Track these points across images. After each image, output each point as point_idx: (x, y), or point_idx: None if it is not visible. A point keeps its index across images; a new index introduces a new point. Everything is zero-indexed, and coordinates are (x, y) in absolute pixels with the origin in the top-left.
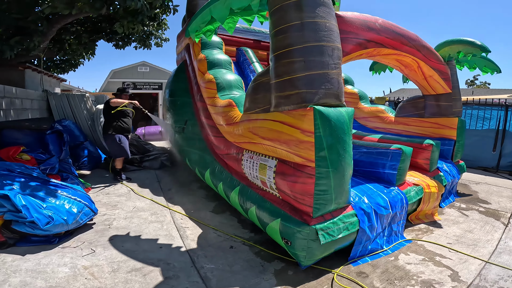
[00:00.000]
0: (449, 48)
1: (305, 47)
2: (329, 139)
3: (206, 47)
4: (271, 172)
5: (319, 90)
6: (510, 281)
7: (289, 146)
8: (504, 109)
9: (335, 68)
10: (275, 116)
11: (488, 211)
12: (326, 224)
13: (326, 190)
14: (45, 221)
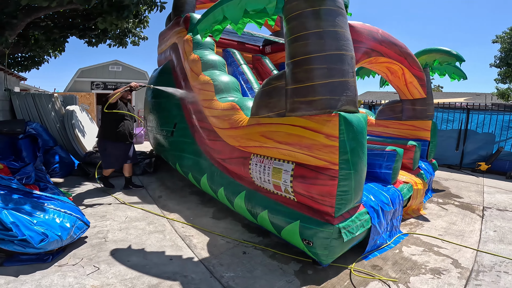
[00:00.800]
0: (427, 56)
1: (328, 54)
2: (352, 143)
3: (198, 47)
4: (288, 175)
5: (341, 97)
6: (503, 265)
7: (311, 150)
8: (465, 112)
9: (352, 76)
10: (293, 120)
11: (463, 205)
12: (347, 223)
13: (347, 190)
14: (39, 238)
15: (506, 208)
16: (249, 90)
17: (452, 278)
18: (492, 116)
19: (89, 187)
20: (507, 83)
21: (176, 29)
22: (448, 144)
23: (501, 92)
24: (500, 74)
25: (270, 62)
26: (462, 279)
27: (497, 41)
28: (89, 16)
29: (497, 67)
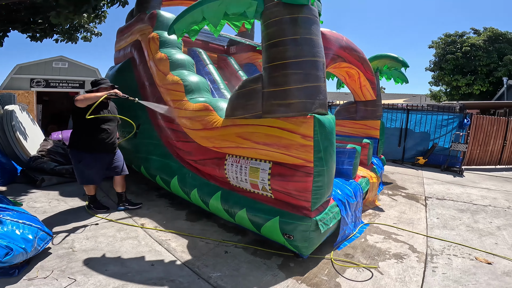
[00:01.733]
0: (379, 61)
1: (304, 60)
2: (324, 142)
3: (165, 46)
4: (265, 174)
5: (315, 100)
6: (451, 249)
7: (289, 150)
8: (406, 112)
9: (324, 81)
10: (271, 122)
11: (409, 195)
12: (322, 215)
13: (321, 186)
14: (3, 252)
15: (444, 197)
16: (216, 91)
17: (412, 261)
18: (427, 116)
19: (39, 195)
20: (439, 85)
21: (139, 26)
22: (392, 141)
23: (433, 93)
24: (434, 77)
25: (235, 62)
26: (421, 262)
27: (432, 46)
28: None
29: (431, 71)
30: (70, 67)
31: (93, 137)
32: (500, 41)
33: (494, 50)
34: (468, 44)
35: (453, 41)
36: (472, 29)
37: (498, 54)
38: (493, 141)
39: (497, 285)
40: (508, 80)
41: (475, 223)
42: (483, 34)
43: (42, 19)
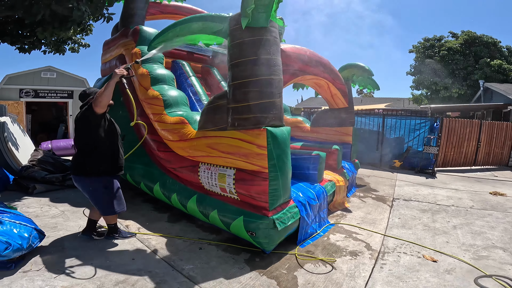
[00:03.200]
0: (348, 71)
1: (260, 79)
2: (277, 151)
3: (147, 61)
4: (231, 179)
5: (269, 114)
6: (403, 247)
7: (248, 158)
8: (381, 118)
9: (279, 97)
10: (233, 134)
11: (378, 197)
12: (279, 215)
13: (277, 188)
14: (3, 247)
15: (410, 198)
16: (197, 102)
17: (365, 258)
18: (401, 120)
19: (31, 201)
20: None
21: (123, 41)
22: (370, 145)
23: (415, 97)
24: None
25: (218, 73)
26: (372, 259)
27: (412, 51)
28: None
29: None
30: (59, 77)
31: (113, 156)
32: (477, 44)
33: (471, 53)
34: (446, 48)
35: (432, 45)
36: (450, 33)
37: (474, 57)
38: (467, 143)
39: (436, 282)
40: (485, 83)
41: (433, 223)
42: (460, 37)
43: (29, 32)
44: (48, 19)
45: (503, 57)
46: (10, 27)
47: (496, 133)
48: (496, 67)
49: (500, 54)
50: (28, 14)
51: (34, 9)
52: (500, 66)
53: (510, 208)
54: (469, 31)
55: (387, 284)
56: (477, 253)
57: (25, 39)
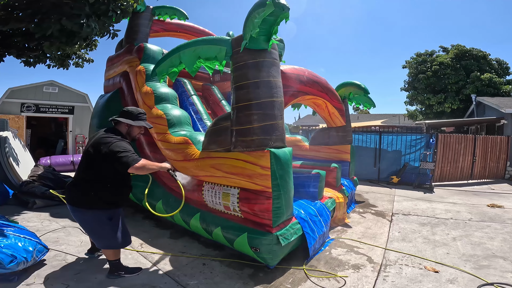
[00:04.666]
0: (345, 89)
1: (262, 102)
2: (280, 172)
3: (151, 79)
4: (235, 198)
5: (272, 136)
6: (405, 259)
7: (251, 178)
8: (378, 134)
9: (281, 118)
10: (237, 155)
11: (377, 212)
12: (283, 231)
13: (280, 207)
14: (8, 260)
15: (409, 213)
16: (198, 121)
17: (367, 271)
18: (398, 137)
19: (31, 215)
20: (414, 105)
21: (128, 58)
22: (368, 162)
23: (410, 113)
24: (408, 97)
25: (218, 91)
26: (375, 271)
27: (406, 66)
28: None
29: (406, 91)
30: (60, 92)
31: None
32: (467, 58)
33: (461, 67)
34: (437, 62)
35: (424, 61)
36: (441, 47)
37: (465, 71)
38: (462, 158)
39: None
40: (477, 97)
41: (433, 235)
42: (451, 51)
43: (36, 46)
44: (56, 34)
45: (493, 69)
46: (16, 40)
47: (490, 147)
48: (487, 81)
49: (489, 67)
50: (39, 28)
51: (45, 24)
52: (491, 79)
53: (508, 219)
54: (458, 45)
55: None
56: (478, 263)
57: (31, 52)
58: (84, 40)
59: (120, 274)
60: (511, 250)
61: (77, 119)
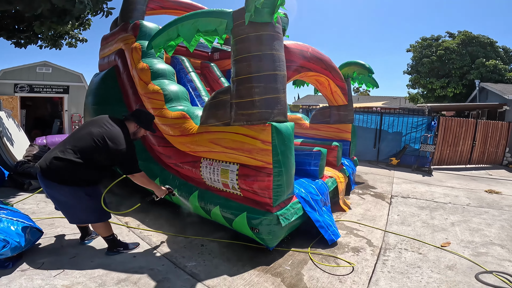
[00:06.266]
0: (348, 68)
1: (264, 75)
2: (281, 147)
3: (147, 56)
4: (234, 175)
5: (274, 110)
6: (404, 243)
7: (251, 153)
8: (379, 115)
9: (283, 92)
10: (237, 129)
11: (376, 194)
12: (283, 211)
13: (281, 184)
14: (1, 245)
15: (408, 196)
16: (197, 98)
17: (367, 254)
18: (399, 118)
19: (27, 198)
20: (416, 88)
21: (123, 35)
22: (368, 143)
23: (411, 96)
24: (411, 80)
25: (217, 69)
26: (374, 255)
27: (410, 50)
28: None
29: (409, 74)
30: (54, 72)
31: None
32: (473, 44)
33: (467, 53)
34: (443, 47)
35: (429, 45)
36: (447, 33)
37: (470, 57)
38: (462, 142)
39: (438, 278)
40: (480, 83)
41: (431, 220)
42: (457, 37)
43: (26, 27)
44: (46, 13)
45: (499, 57)
46: (6, 22)
47: (491, 132)
48: (492, 67)
49: (496, 54)
50: (28, 7)
51: (35, 3)
52: (496, 66)
53: (505, 206)
54: (466, 31)
55: (391, 279)
56: (476, 250)
57: (21, 33)
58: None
59: (119, 250)
60: (508, 238)
61: (73, 99)
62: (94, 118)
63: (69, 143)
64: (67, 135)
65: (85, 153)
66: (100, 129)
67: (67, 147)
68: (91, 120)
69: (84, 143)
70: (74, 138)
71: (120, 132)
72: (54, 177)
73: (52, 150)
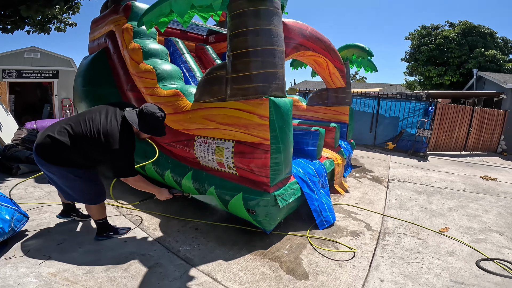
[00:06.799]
0: (347, 51)
1: (262, 49)
2: (279, 122)
3: (139, 36)
4: (229, 152)
5: (271, 84)
6: (403, 228)
7: (248, 129)
8: (377, 100)
9: (281, 68)
10: (232, 104)
11: (374, 178)
12: (281, 191)
13: (278, 162)
14: None
15: (405, 180)
16: (191, 79)
17: (366, 239)
18: (396, 103)
19: (15, 182)
20: (414, 75)
21: (114, 17)
22: (364, 127)
23: (408, 83)
24: (408, 68)
25: (213, 51)
26: (373, 239)
27: (409, 38)
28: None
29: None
30: (43, 57)
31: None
32: (473, 34)
33: (466, 42)
34: (442, 36)
35: (428, 33)
36: (447, 22)
37: (469, 47)
38: (458, 128)
39: (439, 264)
40: (478, 72)
41: (429, 204)
42: (457, 27)
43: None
44: None
45: (498, 48)
46: None
47: (487, 119)
48: (491, 57)
49: (495, 45)
50: None
51: None
52: (495, 56)
53: (501, 193)
54: (466, 21)
55: (392, 265)
56: (475, 236)
57: (7, 18)
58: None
59: (109, 235)
60: (506, 225)
61: (63, 83)
62: (112, 103)
63: (70, 123)
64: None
65: (78, 140)
66: (103, 120)
67: (65, 127)
68: (107, 105)
69: (80, 129)
70: (77, 119)
71: (117, 129)
72: (43, 155)
73: (53, 125)
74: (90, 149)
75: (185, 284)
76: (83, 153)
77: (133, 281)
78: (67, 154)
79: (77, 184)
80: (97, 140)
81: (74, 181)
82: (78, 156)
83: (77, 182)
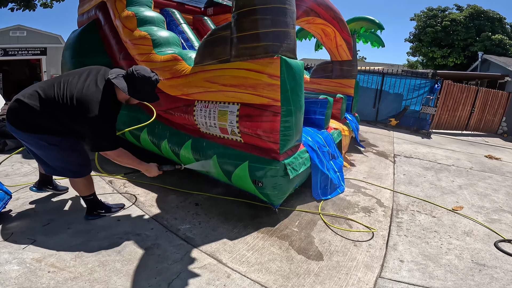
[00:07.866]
0: (356, 23)
1: (273, 7)
2: (291, 82)
3: (132, 4)
4: (234, 116)
5: (282, 43)
6: (415, 205)
7: (256, 89)
8: (381, 76)
9: (293, 28)
10: (238, 65)
11: (379, 152)
12: (291, 159)
13: (289, 126)
14: None
15: (411, 156)
16: (189, 48)
17: (379, 215)
18: (401, 80)
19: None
20: (416, 56)
21: None
22: (367, 103)
23: (410, 63)
24: (412, 48)
25: (212, 22)
26: (387, 216)
27: (414, 19)
28: None
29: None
30: (30, 35)
31: None
32: (481, 18)
33: (474, 26)
34: (449, 19)
35: (434, 15)
36: (455, 5)
37: (476, 31)
38: (462, 108)
39: (458, 244)
40: (483, 55)
41: (438, 181)
42: (466, 10)
43: None
44: None
45: (505, 33)
46: None
47: (490, 100)
48: (497, 41)
49: (502, 30)
50: None
51: None
52: (501, 41)
53: (507, 172)
54: (475, 5)
55: (410, 244)
56: (489, 216)
57: None
58: None
59: (100, 213)
60: None
61: (51, 60)
62: (95, 67)
63: (43, 85)
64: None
65: (48, 105)
66: (80, 83)
67: (37, 90)
68: (93, 67)
69: (52, 92)
70: (52, 81)
71: (94, 94)
72: (12, 121)
73: (28, 88)
74: (62, 116)
75: (187, 267)
76: (56, 119)
77: (127, 265)
78: (37, 119)
79: (55, 154)
80: (69, 106)
81: (50, 150)
82: (51, 122)
83: (54, 151)
